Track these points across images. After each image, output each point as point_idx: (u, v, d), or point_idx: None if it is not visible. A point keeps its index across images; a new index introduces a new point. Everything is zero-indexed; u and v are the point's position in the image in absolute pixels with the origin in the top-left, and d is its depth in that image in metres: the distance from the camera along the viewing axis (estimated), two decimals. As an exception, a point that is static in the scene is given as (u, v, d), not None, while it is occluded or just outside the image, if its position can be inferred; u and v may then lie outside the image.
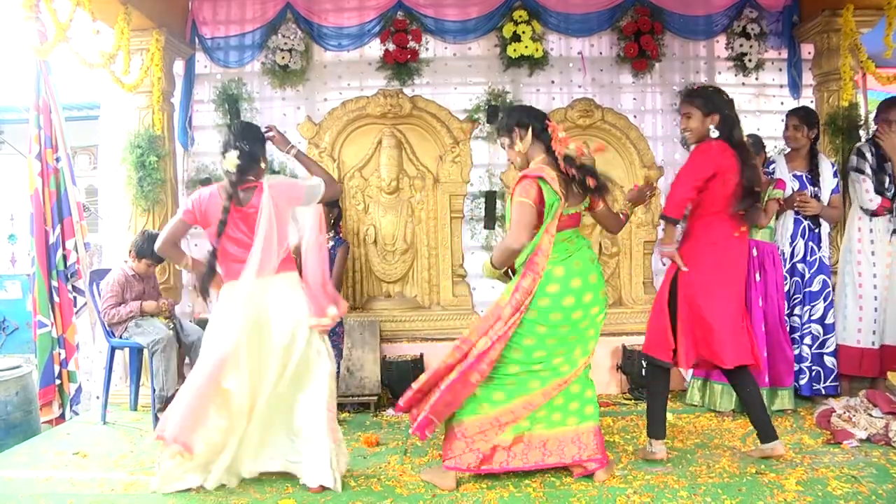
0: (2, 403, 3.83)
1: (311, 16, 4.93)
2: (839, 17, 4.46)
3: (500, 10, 4.88)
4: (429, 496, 2.82)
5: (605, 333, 4.54)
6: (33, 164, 4.14)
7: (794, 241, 3.97)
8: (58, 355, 4.17)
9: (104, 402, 4.02)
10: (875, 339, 3.99)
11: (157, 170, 4.35)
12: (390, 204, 4.72)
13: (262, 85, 4.99)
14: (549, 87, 5.03)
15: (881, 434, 3.30)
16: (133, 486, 2.98)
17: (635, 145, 4.73)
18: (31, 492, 2.93)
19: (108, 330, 4.03)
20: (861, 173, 4.00)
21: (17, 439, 3.73)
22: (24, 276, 6.10)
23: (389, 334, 4.59)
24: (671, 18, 4.93)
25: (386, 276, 4.77)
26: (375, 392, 4.31)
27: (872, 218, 4.02)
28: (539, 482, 2.89)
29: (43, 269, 4.13)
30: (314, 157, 4.64)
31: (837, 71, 4.55)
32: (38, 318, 4.11)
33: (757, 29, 4.88)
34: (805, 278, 3.95)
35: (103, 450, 3.51)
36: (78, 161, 7.95)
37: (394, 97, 4.62)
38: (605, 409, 4.14)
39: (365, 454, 3.39)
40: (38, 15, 3.69)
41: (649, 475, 2.96)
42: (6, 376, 3.90)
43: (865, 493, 2.71)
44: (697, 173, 3.00)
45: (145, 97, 4.43)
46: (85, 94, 6.98)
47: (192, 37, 4.93)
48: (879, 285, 3.99)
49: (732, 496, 2.70)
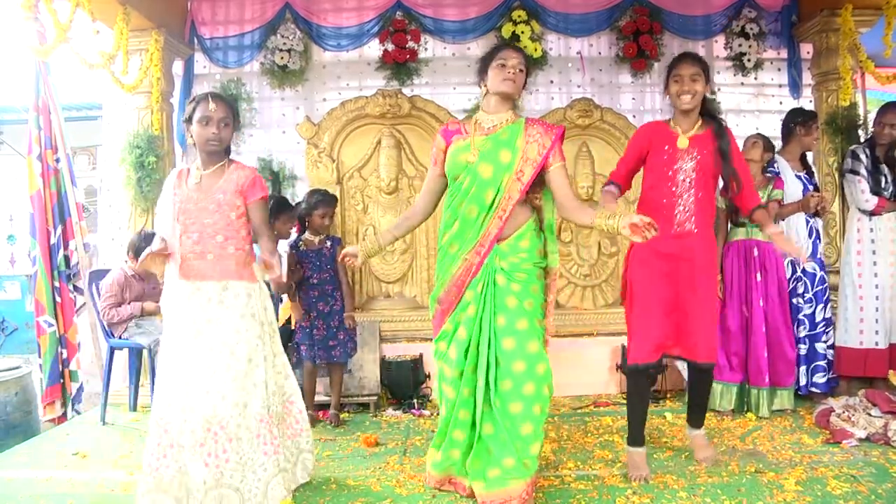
0: (1, 404, 3.84)
1: (310, 16, 4.94)
2: (838, 17, 4.47)
3: (499, 10, 4.89)
4: (428, 496, 2.82)
5: (605, 333, 4.63)
6: (34, 164, 4.14)
7: (800, 240, 3.98)
8: (60, 355, 4.17)
9: (104, 403, 4.02)
10: (879, 338, 4.00)
11: (155, 170, 4.35)
12: (389, 204, 4.72)
13: (261, 85, 5.00)
14: (548, 87, 5.04)
15: (880, 433, 3.30)
16: (133, 487, 2.96)
17: (634, 145, 4.73)
18: (31, 492, 2.93)
19: (108, 330, 4.03)
20: (856, 174, 4.02)
21: (17, 439, 3.74)
22: (23, 277, 6.10)
23: (389, 334, 4.59)
24: (670, 18, 4.94)
25: (385, 276, 4.77)
26: (375, 392, 4.31)
27: (873, 217, 4.03)
28: (539, 482, 2.89)
29: (46, 269, 4.13)
30: (313, 157, 4.65)
31: (836, 71, 4.55)
32: (45, 318, 4.10)
33: (756, 29, 4.89)
34: (816, 278, 3.97)
35: (103, 450, 3.51)
36: (77, 161, 7.94)
37: (393, 97, 4.62)
38: (605, 408, 4.15)
39: (364, 454, 3.39)
40: (37, 15, 3.70)
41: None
42: (6, 377, 3.90)
43: (865, 492, 2.71)
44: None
45: (144, 97, 4.43)
46: (84, 94, 6.99)
47: (191, 37, 4.94)
48: (883, 284, 4.00)
49: (732, 496, 2.70)
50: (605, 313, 4.74)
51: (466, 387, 2.66)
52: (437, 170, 2.80)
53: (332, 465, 3.23)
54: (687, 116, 2.96)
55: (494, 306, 2.63)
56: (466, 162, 2.65)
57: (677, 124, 2.98)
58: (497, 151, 2.63)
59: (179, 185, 2.73)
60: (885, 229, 4.02)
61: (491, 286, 2.64)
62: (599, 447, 3.38)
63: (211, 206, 2.67)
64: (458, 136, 2.72)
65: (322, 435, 3.67)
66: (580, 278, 4.79)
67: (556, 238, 2.81)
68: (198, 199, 2.68)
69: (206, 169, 2.73)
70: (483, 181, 2.62)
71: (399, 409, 4.21)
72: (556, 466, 3.11)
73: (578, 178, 4.70)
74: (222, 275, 2.67)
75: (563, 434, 3.61)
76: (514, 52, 2.68)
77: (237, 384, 2.61)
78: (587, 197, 4.71)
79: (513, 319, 2.61)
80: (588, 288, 4.80)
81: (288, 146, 4.96)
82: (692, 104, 2.90)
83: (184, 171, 2.78)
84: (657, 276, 2.93)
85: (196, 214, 2.67)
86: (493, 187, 2.62)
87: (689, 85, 2.87)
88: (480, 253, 2.64)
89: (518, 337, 2.60)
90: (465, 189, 2.65)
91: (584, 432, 3.64)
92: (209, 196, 2.68)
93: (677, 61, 2.96)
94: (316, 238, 4.00)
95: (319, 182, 4.59)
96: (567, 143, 4.73)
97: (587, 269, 4.79)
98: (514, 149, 2.63)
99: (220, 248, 2.67)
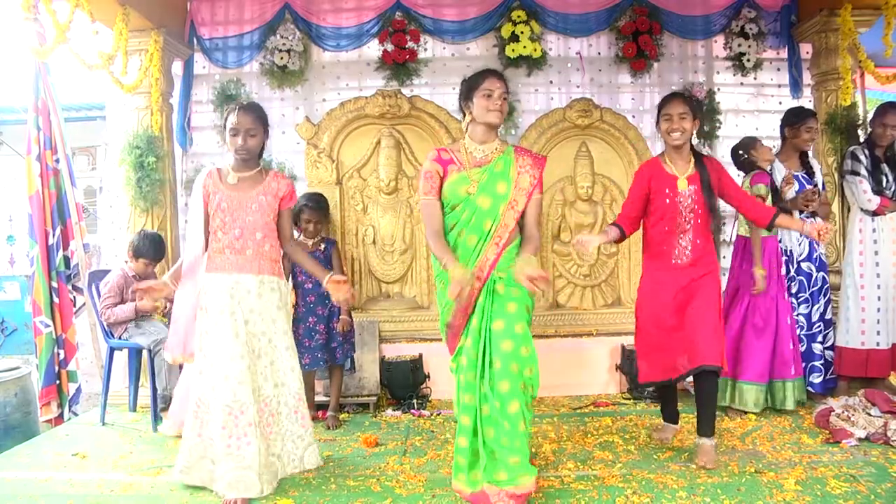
0: (1, 405, 3.84)
1: (310, 16, 4.94)
2: (837, 17, 4.47)
3: (498, 10, 4.89)
4: (428, 496, 2.82)
5: (605, 333, 4.63)
6: (33, 165, 4.14)
7: (800, 239, 3.98)
8: (57, 356, 4.17)
9: (103, 403, 4.01)
10: (881, 339, 4.00)
11: (155, 170, 4.34)
12: (389, 204, 4.72)
13: (260, 85, 5.00)
14: (547, 87, 5.04)
15: (880, 433, 3.30)
16: (132, 487, 2.98)
17: (634, 145, 4.73)
18: (31, 493, 2.92)
19: (107, 331, 4.02)
20: (857, 175, 4.02)
21: (17, 440, 3.74)
22: (22, 278, 6.09)
23: (388, 334, 4.59)
24: (669, 18, 4.94)
25: (385, 276, 4.77)
26: (375, 392, 4.31)
27: (874, 217, 4.03)
28: (539, 482, 2.89)
29: (44, 270, 4.13)
30: (313, 157, 4.65)
31: (836, 70, 4.56)
32: (41, 319, 4.10)
33: (755, 29, 4.89)
34: (812, 277, 3.96)
35: (102, 451, 3.50)
36: (77, 162, 7.95)
37: (392, 97, 4.62)
38: (605, 409, 4.15)
39: (364, 454, 3.39)
40: (36, 16, 3.70)
41: (649, 475, 2.96)
42: (5, 377, 3.91)
43: (864, 492, 2.71)
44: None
45: (144, 98, 4.43)
46: (84, 94, 6.99)
47: (190, 37, 4.94)
48: (885, 284, 4.00)
49: (731, 496, 2.70)
50: (605, 313, 4.74)
51: (468, 393, 2.68)
52: (437, 199, 2.82)
53: (332, 465, 3.23)
54: (679, 152, 3.17)
55: (493, 312, 2.68)
56: (467, 194, 2.75)
57: (673, 163, 3.17)
58: (494, 184, 2.76)
59: (216, 184, 2.94)
60: (887, 229, 4.02)
61: (491, 295, 2.71)
62: (599, 447, 3.38)
63: (253, 205, 2.91)
64: (453, 167, 2.79)
65: (322, 435, 3.67)
66: (580, 278, 4.79)
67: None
68: (240, 199, 2.91)
69: (241, 172, 2.96)
70: (482, 212, 2.74)
71: (399, 409, 4.21)
72: (556, 466, 3.12)
73: (578, 178, 4.70)
74: (260, 269, 2.93)
75: (562, 434, 3.61)
76: (499, 81, 2.78)
77: (275, 367, 2.96)
78: (587, 197, 4.72)
79: (512, 323, 2.65)
80: (588, 288, 4.80)
81: (288, 146, 4.96)
82: (682, 140, 3.11)
83: (214, 171, 2.98)
84: (660, 305, 3.16)
85: (238, 212, 2.90)
86: (490, 217, 2.75)
87: (678, 123, 3.08)
88: (481, 278, 2.72)
89: (515, 340, 2.63)
90: (465, 220, 2.76)
91: (584, 432, 3.64)
92: (250, 196, 2.92)
93: (666, 101, 3.17)
94: (310, 241, 4.00)
95: (319, 182, 4.60)
96: (567, 143, 4.78)
97: (587, 269, 4.79)
98: (508, 180, 2.77)
99: (258, 244, 2.92)
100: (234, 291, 2.86)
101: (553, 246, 4.78)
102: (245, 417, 2.78)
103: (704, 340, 3.03)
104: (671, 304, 3.13)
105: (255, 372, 2.86)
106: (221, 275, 2.88)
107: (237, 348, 2.81)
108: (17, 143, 6.88)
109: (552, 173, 4.76)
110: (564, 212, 4.78)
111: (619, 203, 4.76)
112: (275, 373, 2.96)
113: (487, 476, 2.63)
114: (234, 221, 2.89)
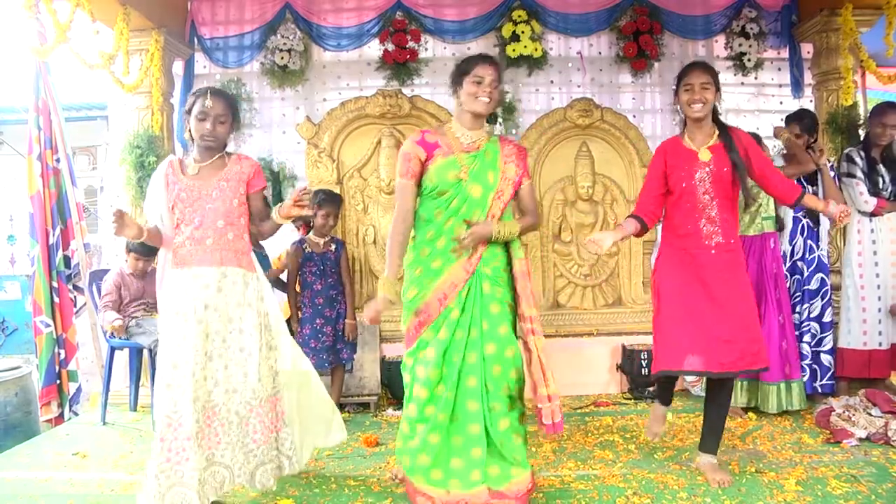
0: (1, 404, 3.84)
1: (310, 16, 4.94)
2: (838, 17, 4.47)
3: (499, 9, 4.89)
4: (428, 496, 2.81)
5: (605, 333, 4.63)
6: (34, 164, 4.14)
7: (793, 238, 3.97)
8: (57, 355, 4.17)
9: (104, 403, 4.01)
10: (882, 339, 3.99)
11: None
12: (389, 204, 4.71)
13: (261, 85, 5.00)
14: (548, 87, 5.04)
15: (880, 433, 3.30)
16: (133, 487, 2.98)
17: (634, 145, 4.73)
18: (31, 492, 2.92)
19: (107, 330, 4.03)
20: (853, 177, 4.01)
21: (17, 440, 3.74)
22: (23, 277, 6.10)
23: (389, 334, 4.59)
24: (670, 18, 4.93)
25: (385, 276, 4.76)
26: (375, 392, 4.31)
27: (873, 218, 4.02)
28: (539, 482, 2.89)
29: (45, 269, 4.13)
30: (313, 157, 4.65)
31: (837, 70, 4.55)
32: (42, 319, 4.10)
33: (756, 28, 4.88)
34: (804, 276, 3.95)
35: (103, 450, 3.51)
36: (77, 161, 7.95)
37: (393, 97, 4.62)
38: (605, 408, 4.15)
39: (364, 454, 3.39)
40: (37, 15, 3.70)
41: (650, 475, 2.96)
42: (6, 377, 3.91)
43: (865, 492, 2.71)
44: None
45: (144, 98, 4.43)
46: (84, 94, 7.00)
47: (191, 37, 4.94)
48: (885, 284, 3.99)
49: (732, 496, 2.70)
50: (605, 313, 4.74)
51: (444, 385, 2.61)
52: (413, 182, 2.69)
53: (332, 465, 3.23)
54: (699, 126, 2.89)
55: (479, 311, 2.63)
56: (458, 179, 2.64)
57: (692, 138, 2.91)
58: (485, 172, 2.67)
59: (175, 174, 2.73)
60: (885, 230, 4.01)
61: (477, 291, 2.64)
62: (599, 447, 3.38)
63: (214, 192, 2.70)
64: (439, 151, 2.67)
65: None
66: (580, 278, 4.79)
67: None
68: (200, 187, 2.70)
69: (203, 161, 2.75)
70: (473, 200, 2.64)
71: (399, 408, 4.20)
72: (556, 466, 3.12)
73: (579, 178, 4.70)
74: (221, 261, 2.69)
75: (563, 434, 3.60)
76: (491, 68, 2.65)
77: (228, 371, 2.67)
78: (587, 197, 4.71)
79: (495, 324, 2.63)
80: (588, 288, 4.80)
81: (288, 146, 4.96)
82: (703, 112, 2.84)
83: (175, 161, 2.80)
84: (686, 283, 2.86)
85: (197, 201, 2.69)
86: (480, 207, 2.65)
87: (699, 94, 2.82)
88: (468, 270, 2.64)
89: (499, 342, 2.62)
90: (455, 208, 2.64)
91: (584, 432, 3.64)
92: (210, 183, 2.71)
93: (688, 70, 2.89)
94: (321, 240, 4.01)
95: (320, 182, 4.59)
96: (567, 143, 4.78)
97: (587, 269, 4.78)
98: (496, 169, 2.68)
99: (219, 233, 2.69)
100: (189, 287, 2.64)
101: (553, 246, 4.78)
102: (183, 430, 2.52)
103: (750, 339, 2.79)
104: (702, 286, 2.82)
105: (203, 378, 2.60)
106: (182, 270, 2.66)
107: (182, 354, 2.58)
108: (18, 142, 6.89)
109: (552, 173, 4.77)
110: (565, 212, 4.77)
111: (619, 203, 4.76)
112: (227, 378, 2.66)
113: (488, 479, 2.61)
114: (193, 212, 2.68)
